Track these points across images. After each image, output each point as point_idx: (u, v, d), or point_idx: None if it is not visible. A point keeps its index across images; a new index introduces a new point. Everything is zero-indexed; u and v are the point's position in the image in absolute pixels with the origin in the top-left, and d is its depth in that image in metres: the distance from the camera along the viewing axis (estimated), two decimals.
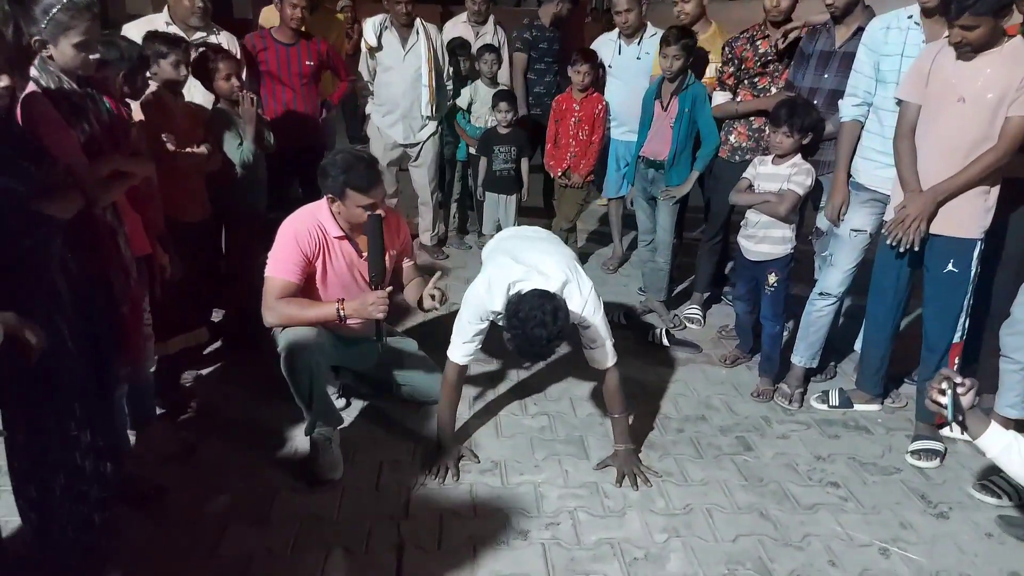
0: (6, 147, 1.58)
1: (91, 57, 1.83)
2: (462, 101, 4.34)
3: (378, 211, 2.36)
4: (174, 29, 3.13)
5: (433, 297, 2.47)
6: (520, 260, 2.35)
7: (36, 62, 1.77)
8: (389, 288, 2.40)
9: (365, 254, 2.44)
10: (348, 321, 2.35)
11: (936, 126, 2.38)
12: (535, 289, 2.15)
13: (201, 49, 2.96)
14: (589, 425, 2.74)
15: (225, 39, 3.34)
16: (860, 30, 2.81)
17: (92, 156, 1.86)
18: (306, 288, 2.42)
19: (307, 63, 3.70)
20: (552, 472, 2.45)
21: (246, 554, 2.03)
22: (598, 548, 2.11)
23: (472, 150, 4.36)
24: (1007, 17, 2.21)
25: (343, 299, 2.36)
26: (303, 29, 3.68)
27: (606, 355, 2.40)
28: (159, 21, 3.18)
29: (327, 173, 2.37)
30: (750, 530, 2.21)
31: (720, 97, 3.40)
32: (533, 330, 2.06)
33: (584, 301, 2.31)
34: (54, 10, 1.72)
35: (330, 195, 2.40)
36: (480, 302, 2.33)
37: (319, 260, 2.43)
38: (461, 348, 2.40)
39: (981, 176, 2.33)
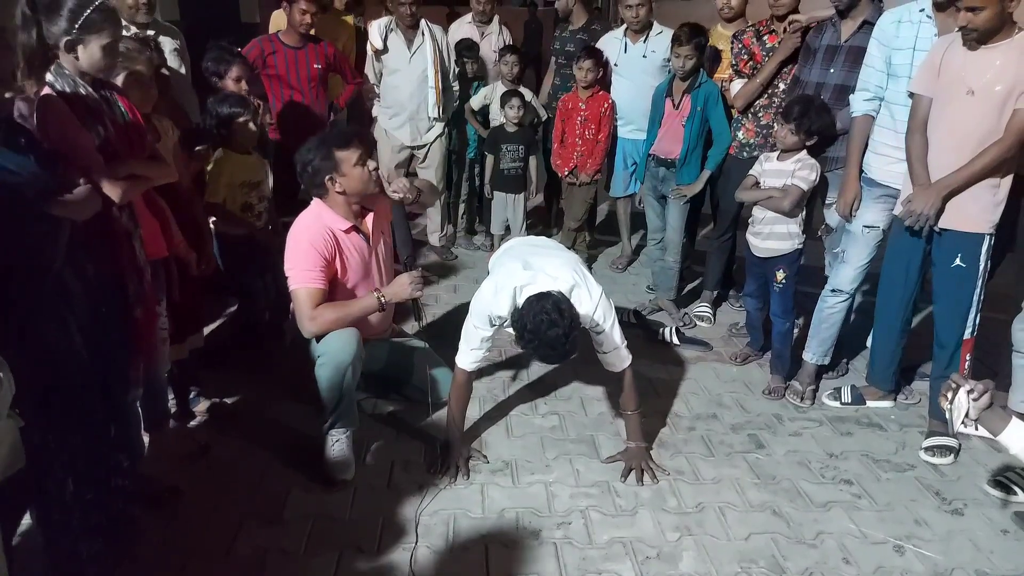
0: (12, 149, 1.59)
1: (116, 59, 1.87)
2: (475, 102, 4.33)
3: (374, 165, 2.42)
4: (133, 31, 3.02)
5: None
6: (527, 265, 2.33)
7: (52, 67, 1.78)
8: (420, 268, 2.45)
9: (371, 239, 2.53)
10: (371, 318, 2.37)
11: (946, 119, 2.37)
12: (529, 296, 2.13)
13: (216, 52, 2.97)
14: (600, 424, 2.74)
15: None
16: (865, 24, 2.80)
17: (107, 158, 1.86)
18: (328, 290, 2.43)
19: (315, 66, 3.73)
20: (563, 471, 2.44)
21: (260, 553, 2.04)
22: (610, 547, 2.10)
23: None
24: (1015, 1, 2.17)
25: (378, 288, 2.41)
26: (311, 33, 3.70)
27: (619, 359, 2.40)
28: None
29: (309, 166, 2.41)
30: (763, 528, 2.20)
31: (738, 85, 3.37)
32: (548, 334, 2.04)
33: (595, 305, 2.29)
34: (88, 11, 1.74)
35: (328, 178, 2.41)
36: (487, 308, 2.31)
37: (336, 260, 2.44)
38: (469, 355, 2.39)
39: (987, 170, 2.31)
